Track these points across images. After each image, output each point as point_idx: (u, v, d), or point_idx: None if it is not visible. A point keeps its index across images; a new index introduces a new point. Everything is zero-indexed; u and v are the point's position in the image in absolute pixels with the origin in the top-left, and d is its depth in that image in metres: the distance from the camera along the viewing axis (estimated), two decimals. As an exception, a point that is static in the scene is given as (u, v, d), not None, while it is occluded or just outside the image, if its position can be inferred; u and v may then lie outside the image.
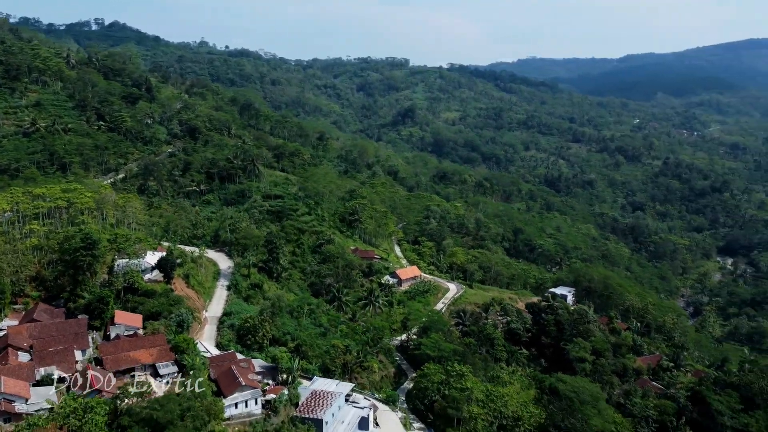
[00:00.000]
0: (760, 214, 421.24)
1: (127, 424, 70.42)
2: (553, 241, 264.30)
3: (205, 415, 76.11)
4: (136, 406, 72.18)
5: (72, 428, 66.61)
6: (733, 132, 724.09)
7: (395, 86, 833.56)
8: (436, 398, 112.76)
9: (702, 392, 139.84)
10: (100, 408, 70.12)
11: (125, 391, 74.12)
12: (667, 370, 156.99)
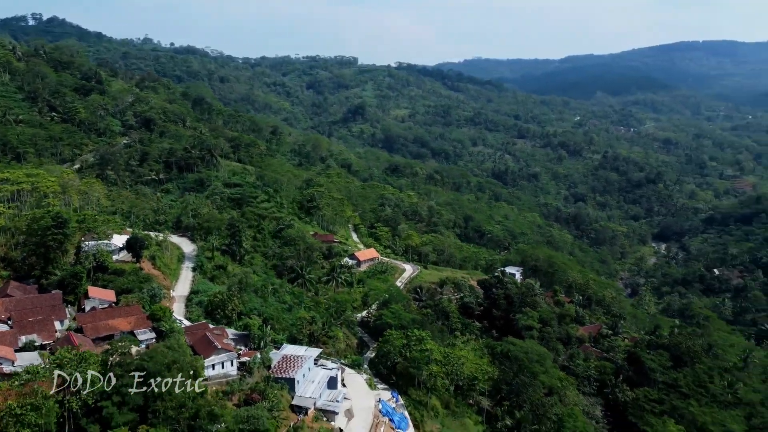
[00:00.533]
0: (690, 203, 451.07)
1: (120, 373, 75.70)
2: (501, 227, 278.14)
3: (190, 367, 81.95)
4: (127, 358, 77.48)
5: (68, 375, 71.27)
6: (666, 128, 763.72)
7: (345, 84, 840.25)
8: (398, 360, 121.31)
9: (637, 353, 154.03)
10: (93, 359, 75.20)
11: (114, 345, 79.15)
12: (607, 337, 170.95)
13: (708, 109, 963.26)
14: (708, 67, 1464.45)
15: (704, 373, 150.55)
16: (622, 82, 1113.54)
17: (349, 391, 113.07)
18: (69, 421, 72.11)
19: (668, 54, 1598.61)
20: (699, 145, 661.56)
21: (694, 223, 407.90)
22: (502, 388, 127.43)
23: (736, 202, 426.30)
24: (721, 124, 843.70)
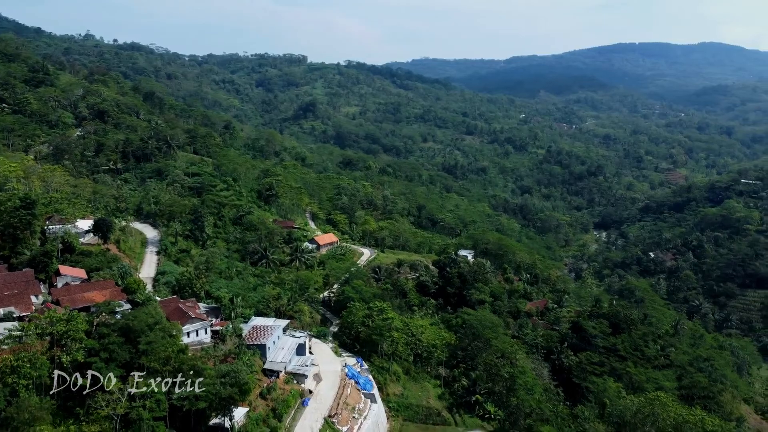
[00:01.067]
0: (628, 194, 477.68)
1: (106, 332, 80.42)
2: (453, 215, 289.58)
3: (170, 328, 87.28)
4: (112, 318, 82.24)
5: (57, 335, 75.66)
6: (605, 125, 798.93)
7: (295, 82, 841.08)
8: (361, 330, 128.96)
9: (580, 322, 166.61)
10: (80, 319, 79.70)
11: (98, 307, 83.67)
12: (552, 311, 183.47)
13: (644, 107, 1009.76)
14: (643, 68, 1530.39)
15: (639, 339, 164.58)
16: (564, 81, 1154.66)
17: (316, 357, 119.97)
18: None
19: (606, 55, 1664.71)
20: (636, 140, 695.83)
21: (631, 212, 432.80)
22: (458, 354, 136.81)
23: (670, 192, 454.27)
24: (656, 121, 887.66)
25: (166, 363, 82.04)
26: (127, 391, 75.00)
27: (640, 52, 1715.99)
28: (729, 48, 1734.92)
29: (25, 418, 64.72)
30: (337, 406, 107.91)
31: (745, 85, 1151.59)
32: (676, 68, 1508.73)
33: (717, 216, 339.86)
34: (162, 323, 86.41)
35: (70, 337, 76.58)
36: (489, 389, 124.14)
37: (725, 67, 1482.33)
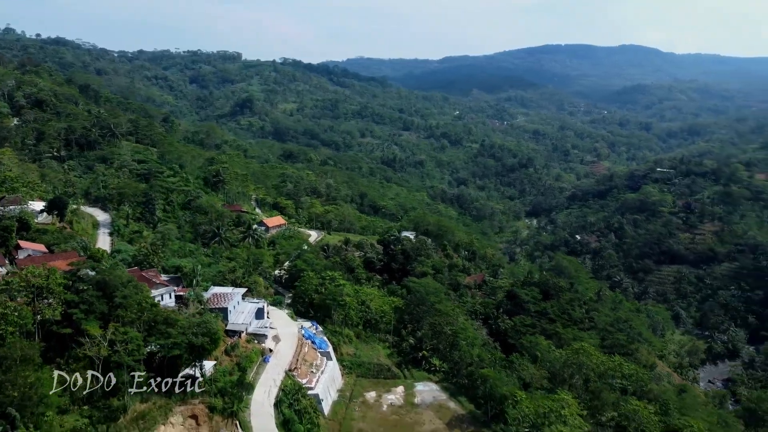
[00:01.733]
0: (557, 184, 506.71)
1: (83, 287, 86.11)
2: (394, 203, 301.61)
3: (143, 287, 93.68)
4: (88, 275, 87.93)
5: (37, 287, 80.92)
6: (535, 122, 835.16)
7: (230, 79, 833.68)
8: (315, 297, 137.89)
9: (514, 290, 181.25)
10: (59, 274, 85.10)
11: (74, 265, 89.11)
12: (489, 283, 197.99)
13: (570, 105, 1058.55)
14: (569, 68, 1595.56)
15: (567, 304, 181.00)
16: (496, 81, 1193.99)
17: (273, 322, 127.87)
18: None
19: (535, 56, 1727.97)
20: (563, 135, 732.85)
21: (560, 200, 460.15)
22: (404, 318, 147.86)
23: (594, 181, 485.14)
24: (581, 117, 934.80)
25: (141, 315, 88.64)
26: (108, 338, 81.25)
27: (566, 53, 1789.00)
28: (647, 50, 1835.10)
29: (17, 356, 70.23)
30: (296, 361, 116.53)
31: (661, 85, 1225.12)
32: (599, 69, 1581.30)
33: (635, 201, 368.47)
34: (134, 281, 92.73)
35: (50, 290, 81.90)
36: (434, 346, 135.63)
37: (644, 69, 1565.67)
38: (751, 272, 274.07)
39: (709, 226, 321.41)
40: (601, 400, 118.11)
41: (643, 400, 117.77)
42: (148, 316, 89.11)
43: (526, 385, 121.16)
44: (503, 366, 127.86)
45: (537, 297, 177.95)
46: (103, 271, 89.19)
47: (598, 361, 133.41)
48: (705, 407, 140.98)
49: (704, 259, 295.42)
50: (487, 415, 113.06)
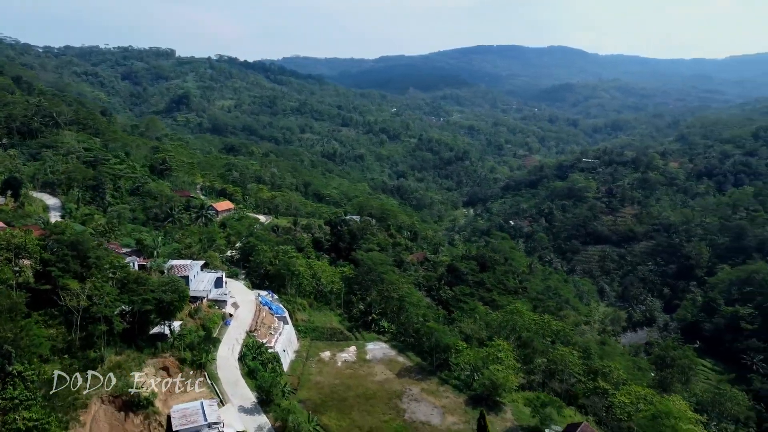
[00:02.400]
0: (491, 176, 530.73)
1: (56, 248, 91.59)
2: (337, 191, 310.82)
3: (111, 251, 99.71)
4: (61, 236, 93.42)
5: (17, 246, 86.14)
6: (469, 118, 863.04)
7: (164, 75, 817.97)
8: (269, 268, 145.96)
9: (453, 264, 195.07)
10: (34, 235, 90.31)
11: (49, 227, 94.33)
12: (430, 260, 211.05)
13: (502, 103, 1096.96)
14: (501, 68, 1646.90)
15: (502, 275, 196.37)
16: (431, 79, 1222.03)
17: (231, 291, 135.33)
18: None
19: (468, 56, 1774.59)
20: (496, 131, 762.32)
21: (494, 190, 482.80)
22: (353, 288, 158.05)
23: (526, 172, 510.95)
24: (513, 115, 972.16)
25: (114, 274, 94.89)
26: (86, 292, 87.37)
27: (498, 53, 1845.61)
28: (573, 51, 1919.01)
29: (5, 305, 75.87)
30: (256, 324, 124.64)
31: (587, 84, 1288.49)
32: (529, 69, 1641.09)
33: (564, 188, 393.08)
34: (103, 245, 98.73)
35: (28, 250, 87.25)
36: (382, 310, 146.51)
37: (570, 69, 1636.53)
38: (665, 249, 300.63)
39: (629, 209, 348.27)
40: (532, 347, 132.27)
41: (569, 347, 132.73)
42: (121, 275, 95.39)
43: (467, 338, 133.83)
44: (446, 323, 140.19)
45: (475, 269, 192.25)
46: (75, 233, 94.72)
47: (529, 319, 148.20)
48: (622, 356, 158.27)
49: (625, 239, 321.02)
50: (433, 365, 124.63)
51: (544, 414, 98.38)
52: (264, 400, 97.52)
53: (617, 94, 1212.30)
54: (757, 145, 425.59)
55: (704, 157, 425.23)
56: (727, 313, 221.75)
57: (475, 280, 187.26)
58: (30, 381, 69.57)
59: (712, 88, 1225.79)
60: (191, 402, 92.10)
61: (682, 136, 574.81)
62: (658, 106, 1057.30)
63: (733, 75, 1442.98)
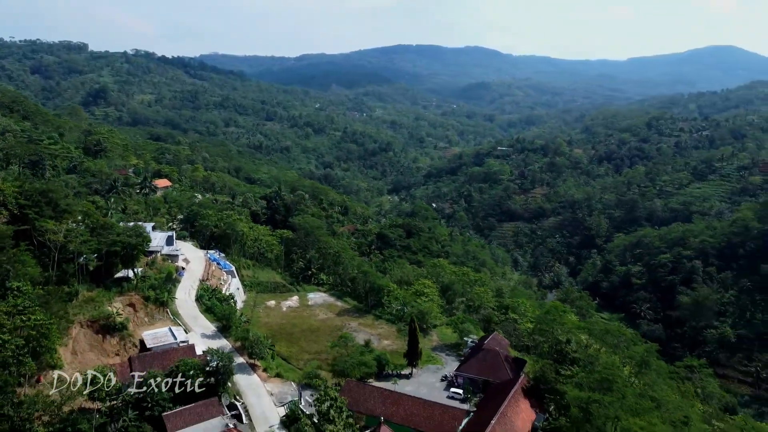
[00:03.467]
0: (413, 165, 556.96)
1: (32, 193, 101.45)
2: (268, 176, 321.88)
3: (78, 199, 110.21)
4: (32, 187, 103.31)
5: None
6: (391, 114, 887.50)
7: (78, 69, 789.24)
8: (215, 229, 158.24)
9: (383, 231, 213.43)
10: (12, 184, 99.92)
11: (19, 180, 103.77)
12: (361, 230, 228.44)
13: (423, 100, 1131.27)
14: (421, 67, 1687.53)
15: (426, 240, 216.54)
16: (354, 77, 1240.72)
17: (182, 249, 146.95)
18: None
19: (388, 55, 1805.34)
20: (418, 125, 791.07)
21: (417, 178, 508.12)
22: (292, 249, 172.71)
23: (446, 161, 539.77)
24: (433, 111, 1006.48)
25: (85, 219, 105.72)
26: (62, 231, 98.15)
27: (417, 53, 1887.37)
28: (489, 52, 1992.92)
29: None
30: (207, 275, 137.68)
31: (502, 82, 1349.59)
32: (448, 68, 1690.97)
33: (481, 173, 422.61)
34: (72, 197, 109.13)
35: (5, 194, 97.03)
36: (320, 265, 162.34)
37: (487, 68, 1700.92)
38: (570, 223, 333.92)
39: (539, 189, 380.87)
40: (453, 290, 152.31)
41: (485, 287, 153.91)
42: (90, 221, 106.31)
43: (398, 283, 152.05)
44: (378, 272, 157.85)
45: (402, 236, 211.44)
46: (47, 183, 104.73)
47: (450, 271, 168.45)
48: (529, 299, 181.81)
49: (536, 215, 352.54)
50: (368, 305, 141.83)
51: (463, 328, 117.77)
52: (223, 327, 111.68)
53: (530, 92, 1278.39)
54: (650, 133, 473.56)
55: (605, 144, 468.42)
56: (620, 272, 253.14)
57: (402, 244, 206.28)
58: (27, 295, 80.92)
59: (615, 87, 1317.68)
60: (160, 328, 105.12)
61: (587, 128, 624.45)
62: (567, 102, 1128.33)
63: (635, 75, 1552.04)
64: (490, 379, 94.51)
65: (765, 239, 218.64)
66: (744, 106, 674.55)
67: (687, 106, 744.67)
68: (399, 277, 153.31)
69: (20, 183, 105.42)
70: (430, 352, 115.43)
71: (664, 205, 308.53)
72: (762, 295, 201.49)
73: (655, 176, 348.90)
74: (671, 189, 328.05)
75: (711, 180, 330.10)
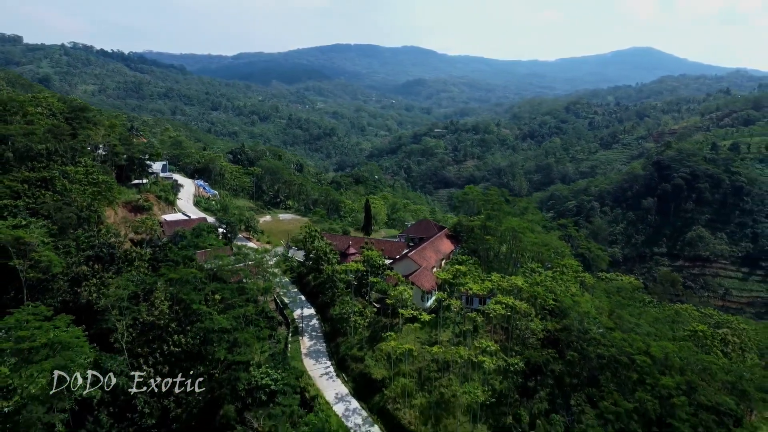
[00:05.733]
0: (356, 148, 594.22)
1: (69, 109, 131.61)
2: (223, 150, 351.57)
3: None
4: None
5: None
6: (333, 106, 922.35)
7: (15, 61, 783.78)
8: (198, 164, 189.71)
9: (335, 179, 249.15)
10: (60, 99, 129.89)
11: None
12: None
13: (363, 96, 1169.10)
14: (360, 66, 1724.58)
15: (372, 188, 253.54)
16: (294, 73, 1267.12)
17: (174, 176, 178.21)
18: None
19: (327, 54, 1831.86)
20: (359, 116, 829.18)
21: (360, 158, 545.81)
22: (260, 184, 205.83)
23: (387, 142, 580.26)
24: (373, 105, 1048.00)
25: (111, 131, 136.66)
26: (101, 135, 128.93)
27: (356, 52, 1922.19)
28: (425, 51, 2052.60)
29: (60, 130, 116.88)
30: (197, 194, 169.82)
31: (439, 80, 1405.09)
32: (386, 67, 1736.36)
33: (418, 149, 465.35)
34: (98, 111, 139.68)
35: (54, 106, 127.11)
36: (287, 194, 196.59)
37: (424, 67, 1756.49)
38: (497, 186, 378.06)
39: (470, 161, 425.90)
40: (396, 208, 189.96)
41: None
42: (119, 131, 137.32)
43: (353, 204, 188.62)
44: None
45: (351, 183, 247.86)
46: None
47: (392, 200, 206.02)
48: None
49: (467, 182, 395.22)
50: (329, 216, 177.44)
51: (403, 219, 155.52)
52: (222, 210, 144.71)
53: (465, 88, 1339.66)
54: (568, 116, 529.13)
55: (529, 125, 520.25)
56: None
57: (353, 189, 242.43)
58: (90, 166, 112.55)
59: (545, 85, 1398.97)
60: (174, 214, 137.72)
61: (515, 115, 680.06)
62: (500, 98, 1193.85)
63: (563, 74, 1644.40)
64: (424, 236, 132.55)
65: (646, 182, 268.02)
66: (654, 97, 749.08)
67: (605, 98, 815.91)
68: (353, 199, 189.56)
69: (65, 99, 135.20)
70: (379, 238, 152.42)
71: (575, 169, 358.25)
72: (642, 224, 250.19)
73: (569, 147, 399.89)
74: (582, 156, 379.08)
75: (615, 148, 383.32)
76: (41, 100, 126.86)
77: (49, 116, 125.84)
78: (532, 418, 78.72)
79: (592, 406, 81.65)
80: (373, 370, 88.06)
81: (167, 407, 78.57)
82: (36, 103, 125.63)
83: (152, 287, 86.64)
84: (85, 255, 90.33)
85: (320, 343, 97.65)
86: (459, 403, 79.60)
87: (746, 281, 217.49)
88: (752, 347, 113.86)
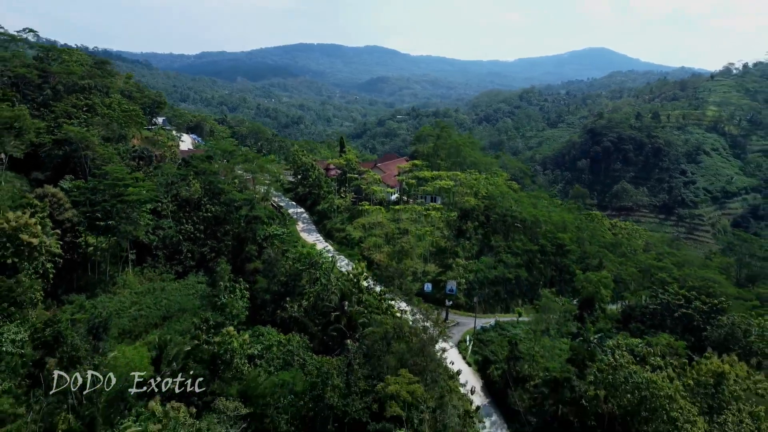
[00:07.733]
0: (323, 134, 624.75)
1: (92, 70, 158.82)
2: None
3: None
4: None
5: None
6: (299, 101, 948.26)
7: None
8: (191, 122, 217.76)
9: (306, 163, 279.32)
10: (80, 56, 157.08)
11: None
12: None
13: (327, 92, 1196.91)
14: (323, 65, 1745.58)
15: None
16: (259, 70, 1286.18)
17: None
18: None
19: (291, 53, 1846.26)
20: (325, 109, 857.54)
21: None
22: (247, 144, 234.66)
23: (353, 128, 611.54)
24: (338, 100, 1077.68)
25: (129, 80, 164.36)
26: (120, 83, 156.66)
27: (320, 51, 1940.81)
28: (389, 51, 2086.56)
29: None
30: (194, 144, 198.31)
31: (401, 77, 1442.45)
32: (350, 66, 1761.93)
33: (382, 131, 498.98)
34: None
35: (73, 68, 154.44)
36: (269, 150, 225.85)
37: (387, 66, 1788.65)
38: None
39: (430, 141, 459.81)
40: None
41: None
42: (131, 85, 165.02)
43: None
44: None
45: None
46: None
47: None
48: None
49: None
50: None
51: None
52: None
53: (427, 86, 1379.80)
54: (521, 103, 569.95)
55: (485, 111, 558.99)
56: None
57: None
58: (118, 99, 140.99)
59: (504, 83, 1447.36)
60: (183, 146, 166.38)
61: (473, 105, 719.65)
62: (461, 95, 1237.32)
63: (522, 73, 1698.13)
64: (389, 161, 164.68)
65: (581, 148, 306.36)
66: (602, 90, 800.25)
67: (558, 91, 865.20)
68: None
69: (84, 57, 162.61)
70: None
71: (524, 145, 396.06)
72: (577, 182, 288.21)
73: (519, 126, 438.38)
74: (531, 134, 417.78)
75: (560, 127, 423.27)
76: (73, 52, 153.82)
77: (78, 65, 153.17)
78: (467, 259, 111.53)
79: (508, 249, 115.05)
80: (352, 233, 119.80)
81: (204, 252, 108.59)
82: (69, 54, 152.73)
83: (185, 176, 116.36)
84: (131, 154, 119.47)
85: (311, 225, 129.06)
86: (415, 252, 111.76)
87: (663, 225, 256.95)
88: (642, 236, 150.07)
